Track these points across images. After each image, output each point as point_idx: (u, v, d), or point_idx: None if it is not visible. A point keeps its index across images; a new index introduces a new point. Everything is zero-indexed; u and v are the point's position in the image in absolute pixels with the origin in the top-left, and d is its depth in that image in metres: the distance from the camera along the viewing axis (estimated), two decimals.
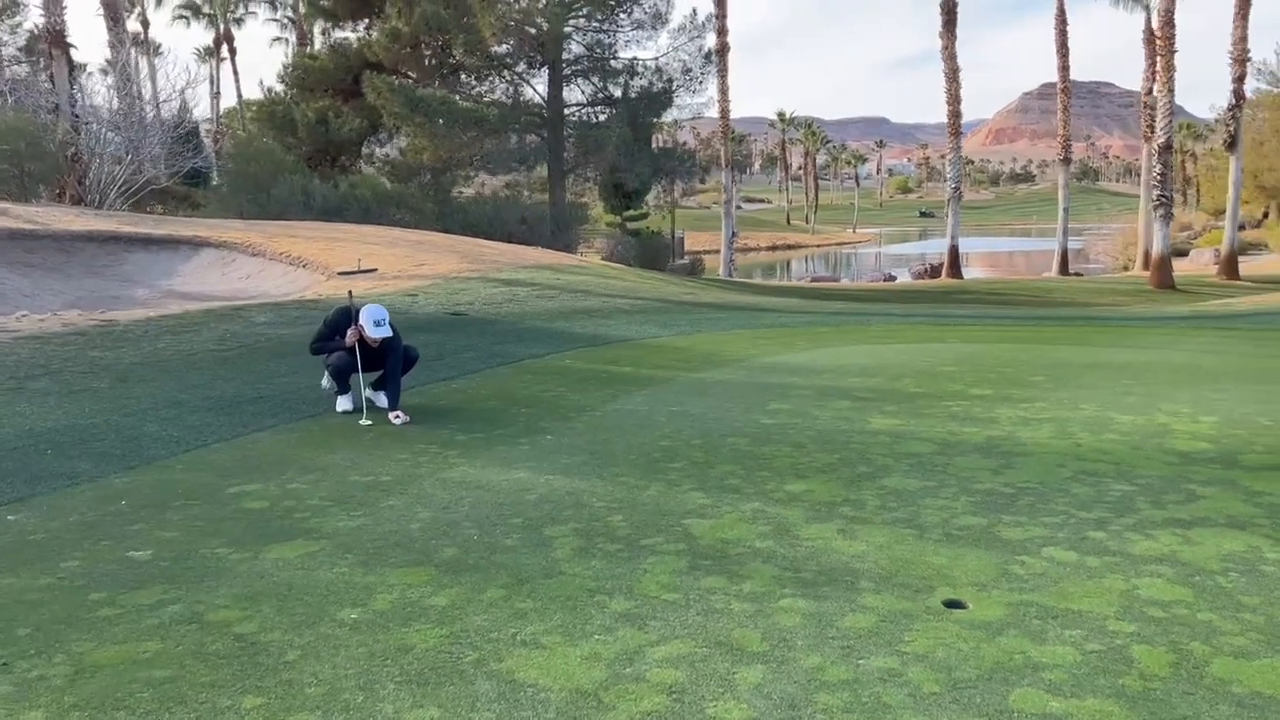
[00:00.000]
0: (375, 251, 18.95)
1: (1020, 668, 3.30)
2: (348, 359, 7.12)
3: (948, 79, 38.06)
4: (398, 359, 7.22)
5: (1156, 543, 4.46)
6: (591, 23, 30.53)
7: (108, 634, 3.60)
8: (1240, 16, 36.40)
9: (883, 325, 13.01)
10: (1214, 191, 71.07)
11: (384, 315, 7.10)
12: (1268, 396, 7.62)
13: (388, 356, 7.18)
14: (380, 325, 7.01)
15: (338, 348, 7.17)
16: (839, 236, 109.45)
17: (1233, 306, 17.56)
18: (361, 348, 7.11)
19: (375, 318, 7.03)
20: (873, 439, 6.48)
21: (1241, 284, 35.80)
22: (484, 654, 3.43)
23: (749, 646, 3.48)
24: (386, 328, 7.04)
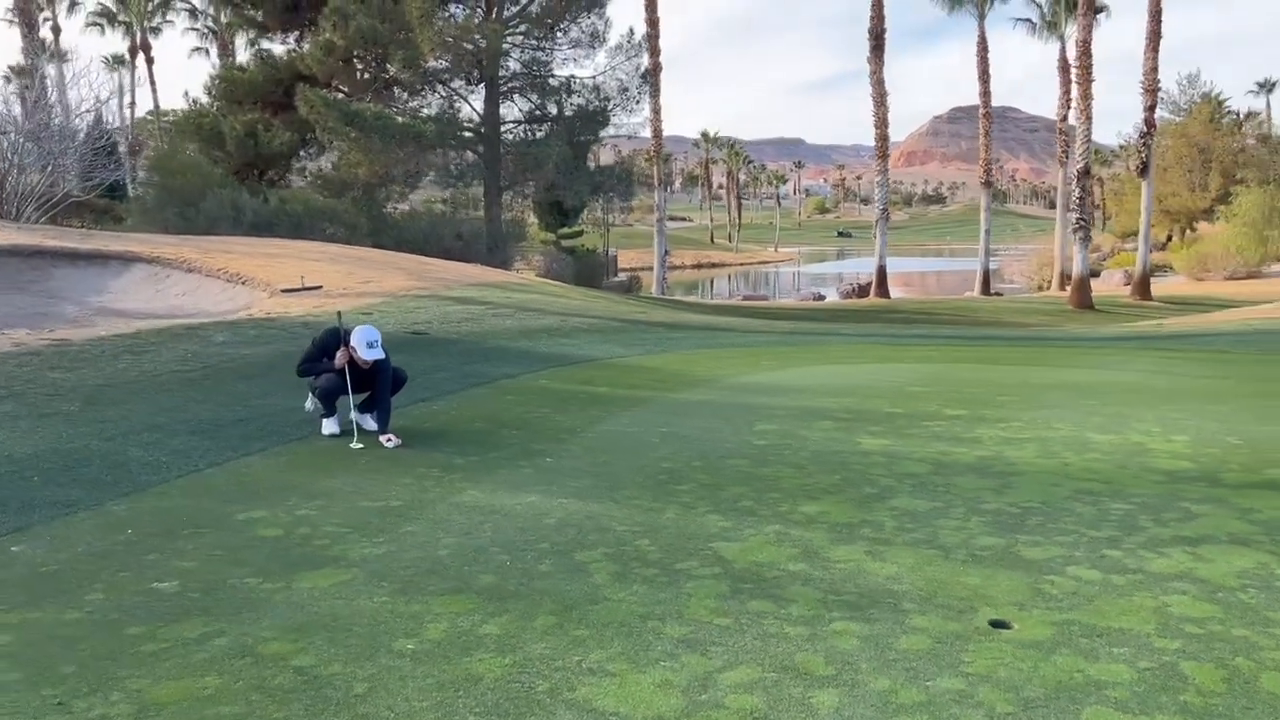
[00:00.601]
0: (318, 268, 18.61)
1: (1082, 686, 3.39)
2: (337, 381, 6.99)
3: (875, 103, 38.95)
4: (387, 380, 7.11)
5: (1171, 560, 4.62)
6: (529, 40, 30.53)
7: (160, 670, 3.48)
8: (1151, 48, 38.00)
9: (840, 345, 13.24)
10: (1122, 215, 73.77)
11: (376, 337, 6.99)
12: (1226, 415, 7.95)
13: (377, 378, 7.07)
14: (373, 347, 6.90)
15: (327, 369, 7.03)
16: (761, 255, 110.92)
17: (1164, 328, 18.29)
18: (351, 369, 6.99)
19: (368, 339, 6.91)
20: (868, 460, 6.59)
21: (1154, 304, 37.26)
22: (555, 683, 3.41)
23: (815, 671, 3.51)
24: (379, 349, 6.93)
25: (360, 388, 7.09)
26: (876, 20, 38.44)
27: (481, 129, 30.67)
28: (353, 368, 6.98)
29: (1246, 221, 54.08)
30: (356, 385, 7.04)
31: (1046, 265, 59.85)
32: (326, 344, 7.11)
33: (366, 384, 7.10)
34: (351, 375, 6.99)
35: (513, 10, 30.86)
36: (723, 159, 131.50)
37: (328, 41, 27.70)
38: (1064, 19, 46.14)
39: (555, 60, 30.90)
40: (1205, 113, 70.82)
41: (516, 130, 31.54)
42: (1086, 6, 34.13)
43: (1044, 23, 47.22)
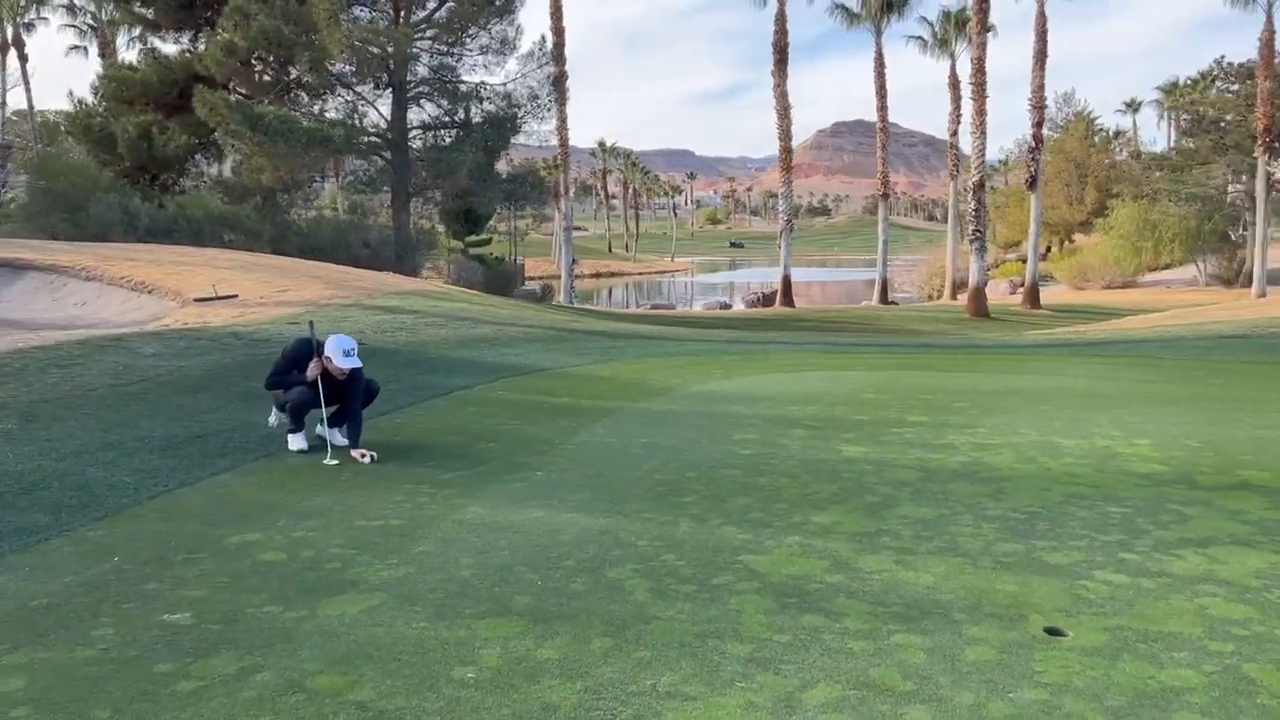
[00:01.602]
0: (230, 276, 17.89)
1: (1160, 693, 3.40)
2: (310, 395, 6.66)
3: (779, 115, 39.58)
4: (360, 391, 6.80)
5: (1188, 563, 4.71)
6: (438, 45, 30.00)
7: (207, 711, 3.20)
8: (1038, 66, 39.57)
9: (784, 354, 13.31)
10: (1006, 227, 76.73)
11: (353, 345, 6.69)
12: (1180, 419, 8.23)
13: (350, 388, 6.76)
14: (350, 355, 6.60)
15: (298, 382, 6.69)
16: (659, 265, 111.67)
17: (1085, 335, 18.97)
18: (324, 381, 6.67)
19: (344, 347, 6.61)
20: (857, 468, 6.59)
21: (1045, 312, 38.74)
22: (637, 709, 3.26)
23: (895, 686, 3.44)
24: (356, 358, 6.63)
25: (332, 400, 6.78)
26: (780, 35, 39.07)
27: (389, 134, 29.99)
28: (325, 379, 6.67)
29: (1122, 234, 56.81)
30: (329, 398, 6.72)
31: (936, 275, 61.74)
32: (298, 355, 6.77)
33: (338, 396, 6.79)
34: (324, 387, 6.67)
35: (420, 15, 30.31)
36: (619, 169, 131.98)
37: (228, 42, 26.69)
38: (954, 37, 47.69)
39: (465, 66, 30.51)
40: (1080, 130, 74.28)
41: (425, 136, 30.97)
42: (980, 26, 35.34)
43: (935, 40, 48.70)
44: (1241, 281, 49.09)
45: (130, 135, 28.61)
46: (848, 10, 44.25)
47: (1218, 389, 9.89)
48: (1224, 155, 49.64)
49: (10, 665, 3.52)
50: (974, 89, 35.89)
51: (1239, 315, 20.38)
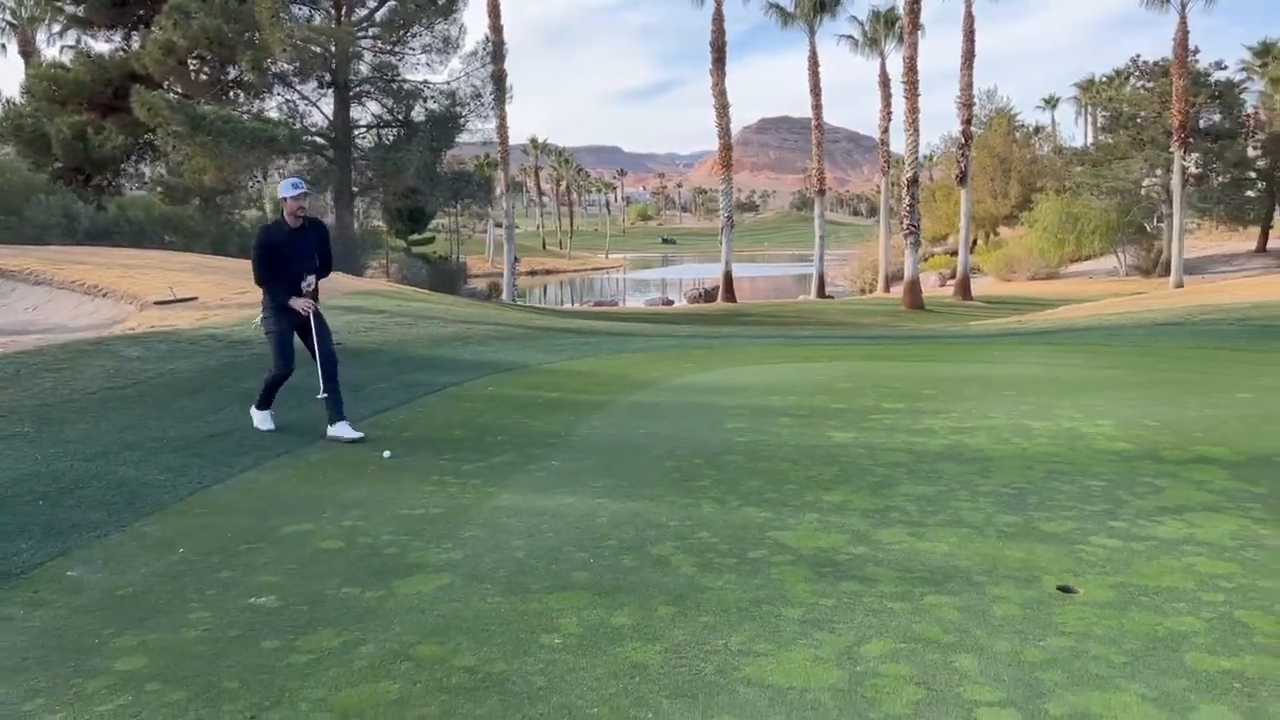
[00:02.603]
0: (185, 279, 17.77)
1: (1170, 637, 3.86)
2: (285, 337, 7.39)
3: (718, 113, 40.17)
4: (325, 327, 7.56)
5: (1169, 528, 5.22)
6: (381, 44, 29.87)
7: (327, 679, 3.48)
8: (966, 66, 40.73)
9: (751, 347, 13.75)
10: (933, 221, 78.53)
11: (298, 181, 7.43)
12: (1135, 402, 8.83)
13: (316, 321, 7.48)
14: (298, 186, 7.33)
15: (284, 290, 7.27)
16: (594, 262, 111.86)
17: (1026, 324, 19.79)
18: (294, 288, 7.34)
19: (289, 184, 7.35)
20: (850, 452, 7.01)
21: (977, 303, 39.94)
22: (718, 664, 3.61)
23: (939, 639, 3.85)
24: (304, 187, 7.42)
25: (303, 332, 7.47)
26: (718, 34, 39.67)
27: (332, 134, 29.82)
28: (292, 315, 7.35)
29: (1046, 227, 58.60)
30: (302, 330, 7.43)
31: (868, 269, 63.04)
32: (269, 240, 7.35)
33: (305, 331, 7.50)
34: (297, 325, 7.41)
35: (361, 14, 30.18)
36: (552, 166, 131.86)
37: (167, 41, 26.30)
38: (884, 36, 48.77)
39: (408, 65, 30.46)
40: (1003, 126, 76.34)
41: (369, 135, 30.85)
42: (912, 26, 36.30)
43: (865, 40, 49.74)
44: (1159, 271, 51.09)
45: (65, 136, 28.00)
46: (782, 10, 45.05)
47: (1163, 373, 10.57)
48: (1141, 150, 51.56)
49: (124, 647, 3.74)
50: (906, 87, 36.86)
51: (1171, 304, 21.44)
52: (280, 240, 7.29)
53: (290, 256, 7.30)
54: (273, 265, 7.28)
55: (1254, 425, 7.71)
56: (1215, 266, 52.17)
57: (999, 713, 3.26)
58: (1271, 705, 3.29)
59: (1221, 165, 52.77)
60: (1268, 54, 65.24)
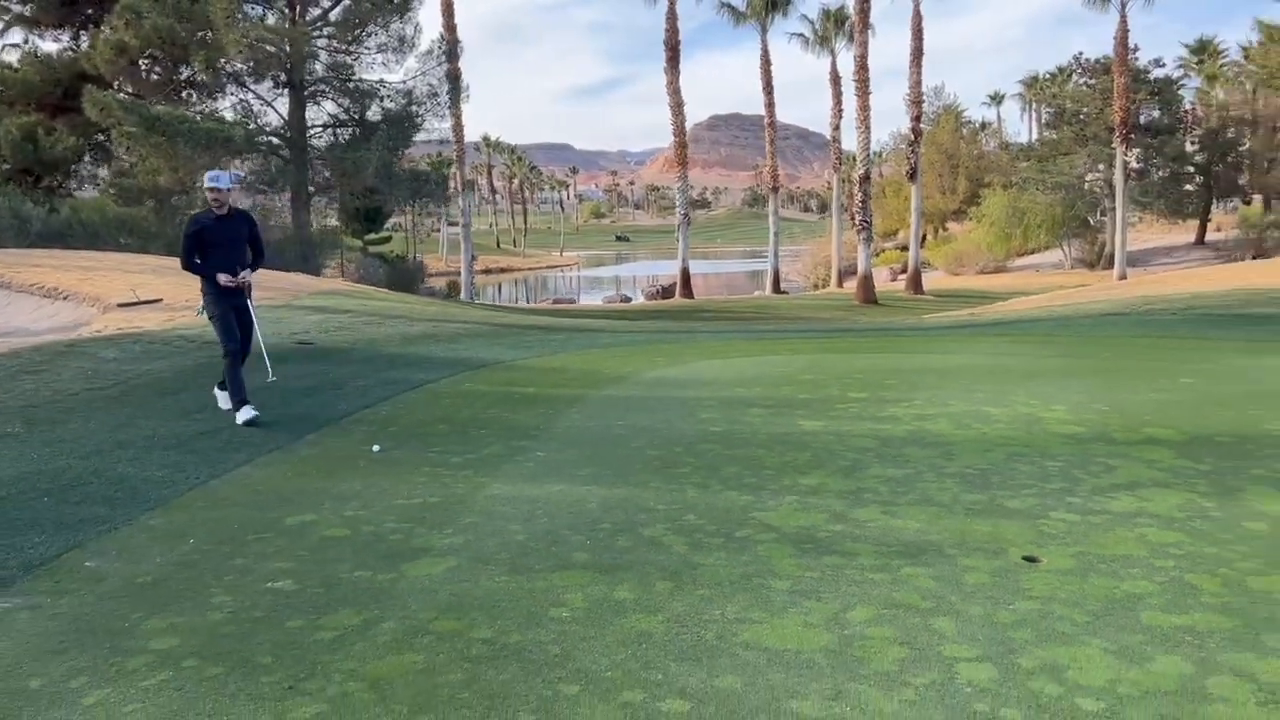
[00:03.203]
0: (146, 281, 17.73)
1: (1126, 598, 4.22)
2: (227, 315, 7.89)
3: (673, 112, 40.51)
4: (250, 322, 8.09)
5: (1122, 503, 5.61)
6: (337, 44, 29.76)
7: (355, 652, 3.72)
8: (915, 64, 41.48)
9: (713, 342, 14.06)
10: (883, 217, 79.63)
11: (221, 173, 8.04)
12: (1084, 388, 9.27)
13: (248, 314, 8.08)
14: (218, 179, 7.91)
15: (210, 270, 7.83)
16: (548, 260, 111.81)
17: (979, 317, 20.34)
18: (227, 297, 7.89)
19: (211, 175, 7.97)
20: (820, 439, 7.34)
21: (928, 297, 40.71)
22: (718, 631, 3.90)
23: (917, 605, 4.17)
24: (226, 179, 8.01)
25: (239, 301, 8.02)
26: (671, 33, 40.01)
27: (287, 133, 29.68)
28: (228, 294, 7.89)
29: (993, 221, 59.79)
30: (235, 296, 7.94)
31: (821, 265, 63.82)
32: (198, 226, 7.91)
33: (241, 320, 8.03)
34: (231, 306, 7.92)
35: (315, 13, 30.06)
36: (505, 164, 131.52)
37: (119, 41, 26.01)
38: (834, 34, 49.42)
39: (363, 65, 30.40)
40: (950, 122, 77.63)
41: (325, 135, 30.75)
42: (862, 25, 36.91)
43: (816, 38, 50.36)
44: (1103, 264, 52.35)
45: (14, 137, 27.57)
46: (734, 9, 45.51)
47: (1110, 361, 11.06)
48: (1085, 146, 52.79)
49: (155, 629, 3.95)
50: (858, 85, 37.47)
51: (1115, 295, 22.16)
52: (207, 227, 7.91)
53: (217, 243, 7.94)
54: (201, 251, 7.94)
55: (1197, 408, 8.17)
56: (1156, 259, 53.58)
57: (977, 667, 3.58)
58: (1219, 655, 3.65)
59: (1161, 160, 54.21)
60: (1204, 51, 67.10)
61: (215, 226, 7.93)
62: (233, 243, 8.03)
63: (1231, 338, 12.92)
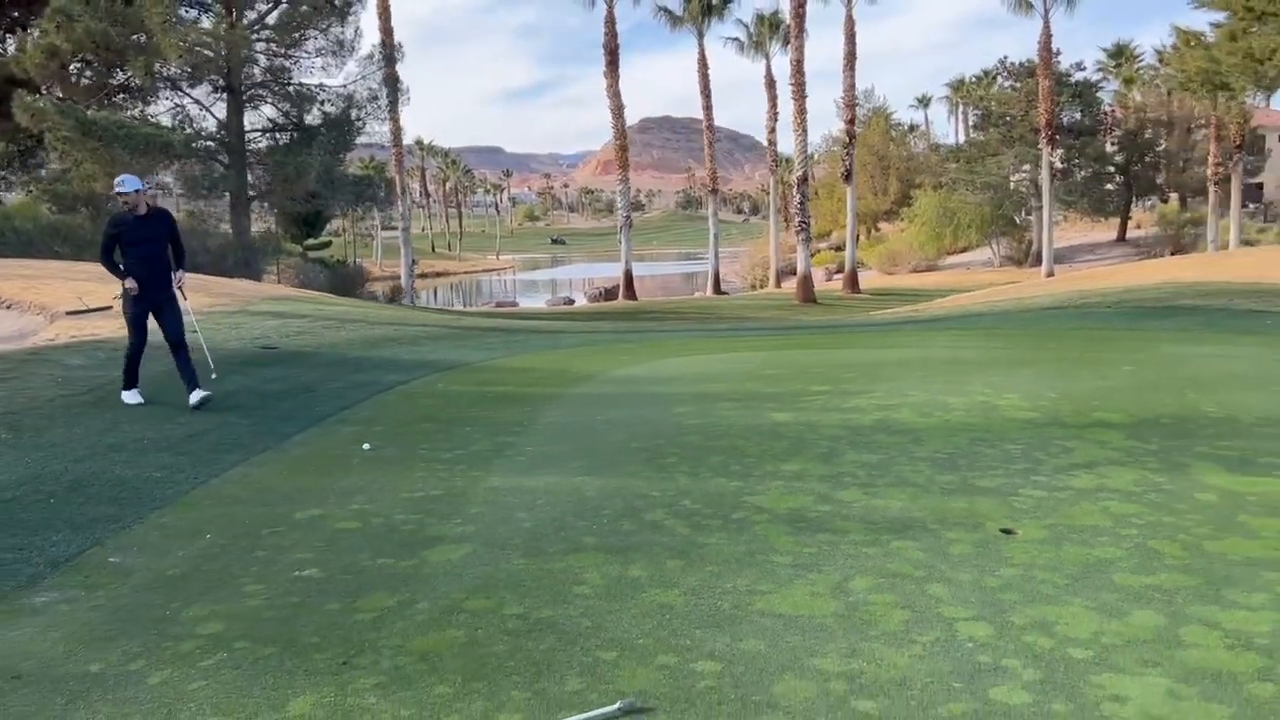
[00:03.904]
0: (92, 288, 17.46)
1: (1099, 562, 4.61)
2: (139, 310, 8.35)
3: (614, 115, 40.81)
4: (176, 313, 8.49)
5: (1083, 480, 6.02)
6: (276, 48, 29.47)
7: (398, 628, 3.94)
8: (848, 68, 42.33)
9: (673, 341, 14.38)
10: (817, 218, 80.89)
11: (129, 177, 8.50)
12: (1034, 377, 9.76)
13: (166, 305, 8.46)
14: (123, 183, 8.37)
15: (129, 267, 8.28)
16: (484, 263, 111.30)
17: (922, 313, 20.97)
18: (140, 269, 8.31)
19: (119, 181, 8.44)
20: (794, 429, 7.68)
21: (865, 296, 41.57)
22: (733, 602, 4.20)
23: (911, 574, 4.51)
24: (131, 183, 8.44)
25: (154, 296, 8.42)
26: (610, 37, 40.32)
27: (226, 138, 29.33)
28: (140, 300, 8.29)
29: (925, 221, 61.15)
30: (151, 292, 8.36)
31: (759, 265, 64.67)
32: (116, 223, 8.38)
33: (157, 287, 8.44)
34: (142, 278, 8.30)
35: (251, 17, 29.76)
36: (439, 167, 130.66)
37: (50, 44, 25.49)
38: (769, 39, 50.19)
39: (303, 69, 30.17)
40: (881, 125, 79.14)
41: (265, 139, 30.42)
42: (797, 29, 37.60)
43: (751, 42, 51.09)
44: (1030, 261, 53.88)
45: None
46: (670, 13, 45.98)
47: (1054, 352, 11.61)
48: (1011, 147, 54.28)
49: (197, 616, 4.12)
50: (794, 89, 38.15)
51: (1051, 290, 23.01)
52: (125, 226, 8.39)
53: (135, 241, 8.38)
54: (121, 250, 8.40)
55: (1139, 393, 8.69)
56: (1081, 256, 55.32)
57: (974, 625, 3.92)
58: (1186, 608, 4.04)
59: (1083, 160, 55.99)
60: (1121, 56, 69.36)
61: (135, 226, 8.39)
62: (152, 241, 8.48)
63: (1165, 328, 13.62)
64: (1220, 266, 25.68)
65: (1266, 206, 65.40)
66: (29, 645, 3.87)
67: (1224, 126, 47.28)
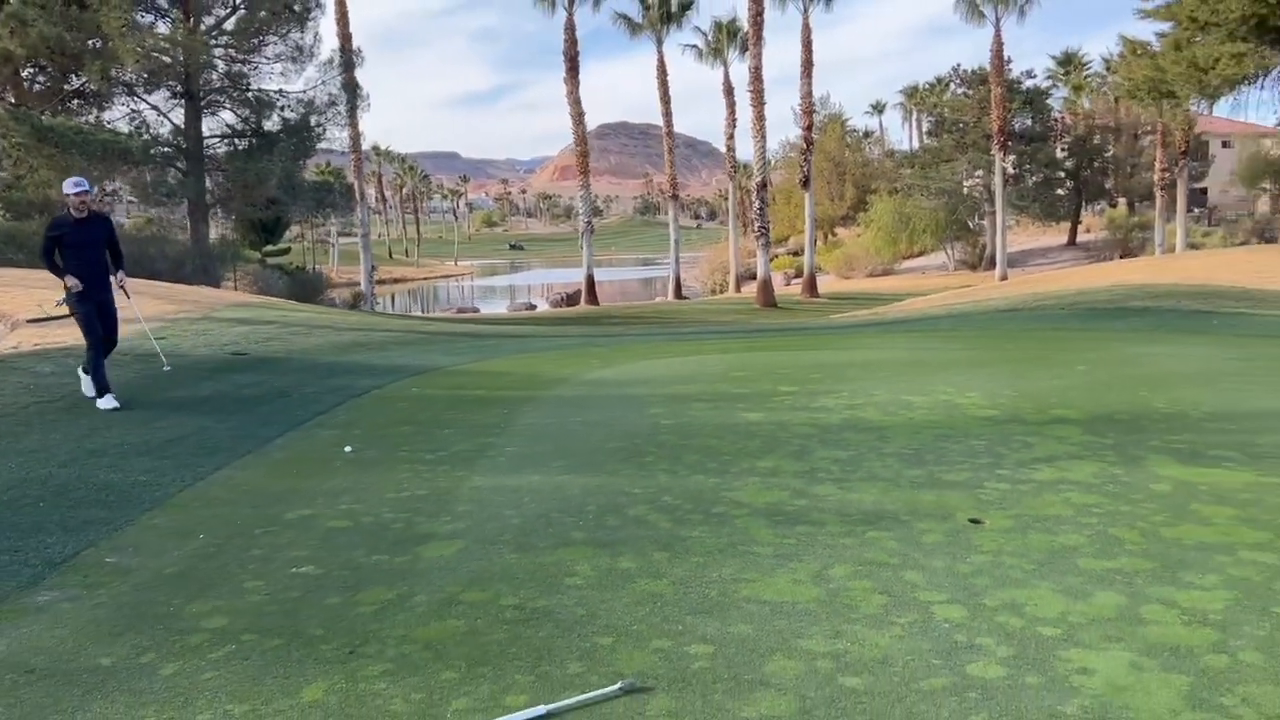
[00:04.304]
0: (50, 295, 17.26)
1: (1064, 549, 4.86)
2: (91, 312, 8.59)
3: (574, 121, 41.01)
4: (113, 315, 8.83)
5: (1044, 473, 6.30)
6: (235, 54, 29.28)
7: (400, 619, 4.08)
8: (805, 75, 42.89)
9: (639, 345, 14.57)
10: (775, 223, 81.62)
11: (79, 179, 8.65)
12: (993, 377, 10.08)
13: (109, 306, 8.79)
14: (79, 184, 8.59)
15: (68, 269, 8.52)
16: (442, 269, 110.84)
17: (884, 315, 21.37)
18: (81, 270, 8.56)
19: (72, 181, 8.66)
20: (765, 428, 7.90)
21: (823, 300, 42.10)
22: (720, 589, 4.39)
23: (887, 561, 4.74)
24: (85, 185, 8.69)
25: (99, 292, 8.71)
26: (570, 44, 40.53)
27: (183, 144, 29.09)
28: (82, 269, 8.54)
29: (880, 226, 61.99)
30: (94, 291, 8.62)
31: (718, 270, 65.16)
32: (56, 225, 8.67)
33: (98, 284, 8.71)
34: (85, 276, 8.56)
35: (210, 22, 29.56)
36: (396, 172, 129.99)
37: (3, 50, 25.15)
38: (727, 46, 50.66)
39: (262, 74, 30.01)
40: (837, 131, 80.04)
41: (223, 145, 30.20)
42: (756, 37, 38.05)
43: (709, 50, 51.51)
44: (984, 265, 54.84)
45: None
46: (630, 20, 46.28)
47: (1012, 352, 11.97)
48: (965, 153, 55.23)
49: (201, 611, 4.23)
50: (753, 96, 38.59)
51: (1006, 293, 23.55)
52: (65, 229, 8.65)
53: (75, 244, 8.62)
54: (60, 251, 8.61)
55: (1094, 391, 9.03)
56: (1033, 259, 56.39)
57: (950, 608, 4.15)
58: (1146, 589, 4.30)
59: (1034, 166, 57.12)
60: (1070, 64, 70.78)
61: (75, 229, 8.63)
62: (91, 244, 8.73)
63: (1116, 329, 14.07)
64: (1168, 269, 26.42)
65: (1210, 211, 67.09)
66: (37, 642, 3.96)
67: (1169, 133, 48.50)
